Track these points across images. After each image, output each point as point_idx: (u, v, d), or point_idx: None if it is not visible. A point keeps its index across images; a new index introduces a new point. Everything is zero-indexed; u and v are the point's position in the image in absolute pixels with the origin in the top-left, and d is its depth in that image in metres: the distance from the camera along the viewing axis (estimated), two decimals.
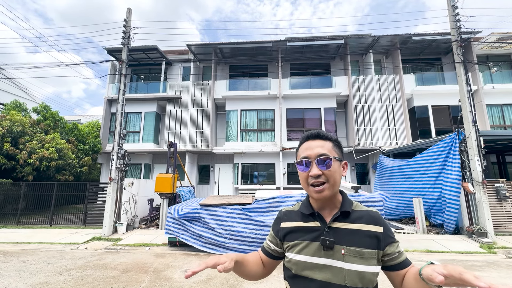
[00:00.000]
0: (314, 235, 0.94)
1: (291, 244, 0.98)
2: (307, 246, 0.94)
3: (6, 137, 10.36)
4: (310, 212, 0.99)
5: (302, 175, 0.98)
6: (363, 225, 0.94)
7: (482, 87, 12.56)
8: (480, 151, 6.90)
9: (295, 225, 1.00)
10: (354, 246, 0.90)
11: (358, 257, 0.88)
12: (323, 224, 0.96)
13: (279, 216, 1.10)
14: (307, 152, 0.97)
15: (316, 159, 0.94)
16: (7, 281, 4.27)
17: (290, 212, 1.08)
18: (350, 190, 6.31)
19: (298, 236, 0.97)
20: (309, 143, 1.00)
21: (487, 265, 4.94)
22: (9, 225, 8.99)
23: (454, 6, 7.77)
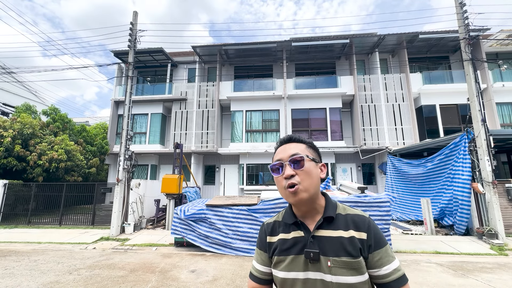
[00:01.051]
0: (298, 247, 0.87)
1: (276, 260, 0.89)
2: (293, 261, 0.86)
3: (17, 139, 10.60)
4: (293, 221, 0.91)
5: (277, 179, 0.90)
6: (350, 231, 0.86)
7: (491, 85, 12.31)
8: (490, 150, 6.77)
9: (279, 238, 0.92)
10: (341, 256, 0.81)
11: (346, 268, 0.80)
12: (307, 233, 0.88)
13: (263, 230, 0.99)
14: (280, 155, 0.92)
15: (289, 159, 0.89)
16: (19, 280, 4.37)
17: (274, 223, 0.99)
18: (356, 190, 6.26)
19: (283, 251, 0.89)
20: (282, 147, 0.95)
21: (498, 267, 4.83)
22: (20, 225, 9.20)
23: (462, 3, 7.65)
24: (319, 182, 0.91)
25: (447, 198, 7.62)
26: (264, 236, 0.98)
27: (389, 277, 0.82)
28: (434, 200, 8.10)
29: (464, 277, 4.38)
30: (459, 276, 4.43)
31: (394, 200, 9.58)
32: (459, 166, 7.28)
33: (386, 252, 0.85)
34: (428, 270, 4.71)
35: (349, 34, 13.44)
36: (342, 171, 13.61)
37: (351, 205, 5.55)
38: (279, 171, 0.90)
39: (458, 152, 7.45)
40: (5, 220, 9.59)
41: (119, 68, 15.43)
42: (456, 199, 7.18)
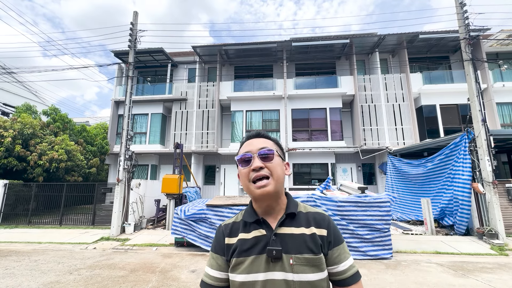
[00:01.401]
0: (260, 247, 0.83)
1: (234, 263, 0.83)
2: (253, 262, 0.81)
3: (17, 139, 10.61)
4: (255, 219, 0.88)
5: (243, 171, 0.86)
6: (311, 228, 0.87)
7: (491, 85, 12.31)
8: (490, 150, 6.77)
9: (239, 239, 0.87)
10: (303, 253, 0.81)
11: (307, 265, 0.80)
12: (269, 231, 0.86)
13: (221, 232, 0.92)
14: (248, 148, 0.89)
15: (258, 152, 0.87)
16: (19, 280, 4.38)
17: (232, 224, 0.93)
18: (356, 190, 6.26)
19: (243, 251, 0.83)
20: (250, 141, 0.92)
21: (498, 267, 4.83)
22: (20, 225, 9.21)
23: (462, 4, 7.65)
24: (284, 179, 0.91)
25: (447, 198, 7.62)
26: (221, 238, 0.90)
27: (346, 274, 0.85)
28: (434, 200, 8.10)
29: (464, 277, 4.39)
30: (460, 276, 4.43)
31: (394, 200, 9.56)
32: (459, 166, 7.28)
33: (344, 248, 0.89)
34: (428, 270, 4.72)
35: (349, 34, 13.44)
36: (342, 171, 13.61)
37: (351, 205, 5.57)
38: (247, 163, 0.86)
39: (458, 152, 7.45)
40: (5, 220, 9.59)
41: (119, 68, 15.43)
42: (457, 199, 7.18)
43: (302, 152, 12.63)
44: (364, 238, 5.39)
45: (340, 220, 5.52)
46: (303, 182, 12.99)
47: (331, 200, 5.67)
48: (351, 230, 5.44)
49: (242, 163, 0.88)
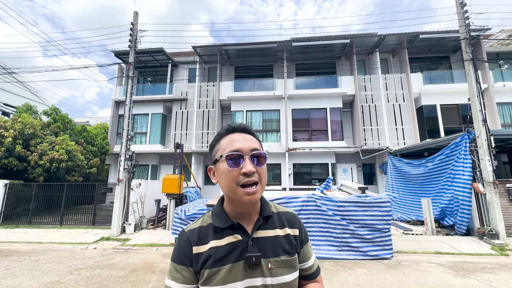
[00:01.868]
0: (237, 253, 0.77)
1: (208, 274, 0.74)
2: (230, 271, 0.74)
3: (18, 139, 10.62)
4: (229, 224, 0.80)
5: (231, 173, 0.75)
6: (283, 229, 0.85)
7: (492, 85, 12.30)
8: (491, 150, 6.76)
9: (211, 247, 0.77)
10: (279, 256, 0.80)
11: (284, 266, 0.79)
12: (245, 236, 0.79)
13: (186, 239, 0.79)
14: (238, 145, 0.78)
15: (250, 153, 0.77)
16: (20, 280, 4.38)
17: (200, 229, 0.82)
18: (357, 190, 6.26)
19: (217, 261, 0.75)
20: (238, 136, 0.81)
21: (499, 267, 4.83)
22: (21, 225, 9.21)
23: (463, 3, 7.64)
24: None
25: (447, 198, 7.61)
26: (187, 246, 0.78)
27: (313, 268, 0.90)
28: (434, 200, 8.09)
29: (465, 277, 4.38)
30: (460, 276, 4.43)
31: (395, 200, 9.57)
32: (459, 166, 7.28)
33: (310, 245, 0.92)
34: (429, 270, 4.71)
35: (349, 34, 13.44)
36: (342, 171, 13.61)
37: (352, 205, 5.56)
38: (236, 164, 0.76)
39: (458, 152, 7.44)
40: (6, 220, 9.60)
41: (120, 68, 15.45)
42: (457, 199, 7.17)
43: (302, 152, 12.62)
44: (364, 238, 5.38)
45: (340, 220, 5.51)
46: (304, 182, 12.98)
47: (332, 200, 5.66)
48: (352, 230, 5.44)
49: (230, 162, 0.76)
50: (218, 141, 0.83)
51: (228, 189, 0.77)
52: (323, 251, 5.44)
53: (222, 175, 0.78)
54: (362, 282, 4.24)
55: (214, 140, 0.85)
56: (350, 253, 5.38)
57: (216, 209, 0.85)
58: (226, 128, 0.85)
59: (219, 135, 0.85)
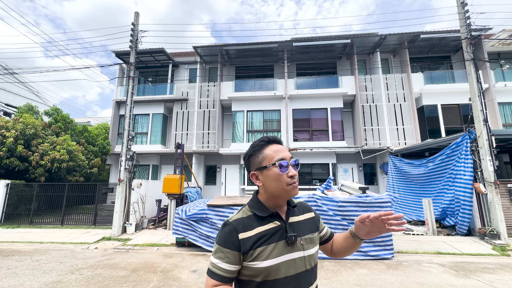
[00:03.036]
0: (278, 235, 0.98)
1: (258, 252, 0.93)
2: (275, 248, 0.95)
3: (19, 140, 10.65)
4: (269, 213, 1.01)
5: (282, 176, 0.98)
6: (305, 214, 1.13)
7: (493, 85, 12.26)
8: (492, 150, 6.74)
9: (258, 232, 0.97)
10: (307, 235, 1.05)
11: (311, 243, 1.04)
12: (282, 222, 1.02)
13: (232, 228, 0.97)
14: (282, 154, 1.01)
15: (291, 161, 1.01)
16: (21, 280, 4.40)
17: (242, 220, 1.00)
18: (357, 191, 6.25)
19: (263, 242, 0.95)
20: (277, 147, 1.04)
21: (500, 267, 4.82)
22: (22, 225, 9.25)
23: (464, 3, 7.63)
24: None
25: (448, 199, 7.60)
26: (234, 233, 0.96)
27: (328, 233, 1.23)
28: (435, 200, 8.08)
29: (466, 277, 4.37)
30: (461, 276, 4.42)
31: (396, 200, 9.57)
32: (461, 166, 7.26)
33: (321, 220, 1.23)
34: (429, 270, 4.71)
35: (350, 34, 13.43)
36: (343, 171, 13.60)
37: (352, 205, 5.56)
38: (284, 169, 0.98)
39: (459, 152, 7.43)
40: (7, 220, 9.64)
41: (121, 68, 15.47)
42: (458, 199, 7.16)
43: (303, 152, 12.62)
44: None
45: (341, 220, 5.51)
46: (304, 182, 12.98)
47: (332, 200, 5.66)
48: None
49: (281, 167, 0.98)
50: (259, 151, 1.04)
51: (279, 189, 0.99)
52: None
53: (272, 180, 0.99)
54: (362, 282, 4.24)
55: (254, 150, 1.06)
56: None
57: (255, 203, 1.06)
58: (266, 140, 1.06)
59: (259, 146, 1.05)
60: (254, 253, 0.93)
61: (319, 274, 4.53)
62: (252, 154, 1.06)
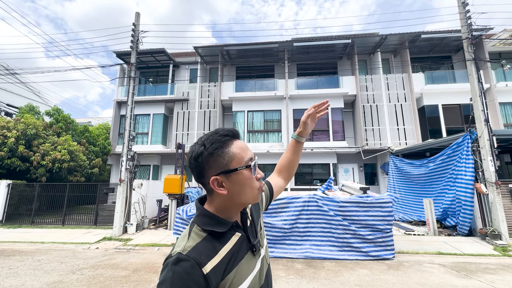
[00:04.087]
0: (243, 248, 0.80)
1: (230, 279, 0.72)
2: (245, 265, 0.77)
3: (21, 140, 10.68)
4: (230, 225, 0.79)
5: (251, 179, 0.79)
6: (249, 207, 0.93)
7: (494, 85, 12.24)
8: (493, 151, 6.73)
9: (224, 254, 0.74)
10: (259, 230, 0.91)
11: (263, 237, 0.92)
12: (242, 231, 0.83)
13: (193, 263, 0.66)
14: (250, 153, 0.81)
15: (255, 160, 0.83)
16: (23, 279, 4.41)
17: (200, 246, 0.71)
18: (358, 191, 6.25)
19: (233, 263, 0.74)
20: (242, 143, 0.82)
21: (501, 268, 4.81)
22: (24, 225, 9.27)
23: (465, 3, 7.62)
24: None
25: (449, 199, 7.58)
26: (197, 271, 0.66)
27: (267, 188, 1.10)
28: (436, 201, 8.06)
29: (467, 278, 4.37)
30: (462, 277, 4.41)
31: (396, 200, 9.56)
32: (462, 166, 7.24)
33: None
34: (431, 271, 4.70)
35: (350, 34, 13.42)
36: (344, 171, 13.59)
37: (353, 205, 5.56)
38: (254, 171, 0.80)
39: (460, 152, 7.42)
40: (9, 220, 9.66)
41: (122, 69, 15.51)
42: (459, 199, 7.14)
43: (303, 152, 12.61)
44: (366, 238, 5.37)
45: (342, 220, 5.51)
46: (305, 182, 12.97)
47: (333, 200, 5.66)
48: (353, 230, 5.43)
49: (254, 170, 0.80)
50: (223, 149, 0.77)
51: (250, 197, 0.80)
52: (324, 251, 5.43)
53: (244, 185, 0.78)
54: (363, 282, 4.24)
55: (214, 147, 0.77)
56: (351, 253, 5.37)
57: (207, 218, 0.79)
58: (231, 135, 0.80)
59: (222, 142, 0.78)
60: (226, 283, 0.70)
61: (319, 275, 4.54)
62: (213, 152, 0.76)
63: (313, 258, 5.36)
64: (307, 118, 1.07)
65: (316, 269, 4.84)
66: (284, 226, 5.67)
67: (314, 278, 4.42)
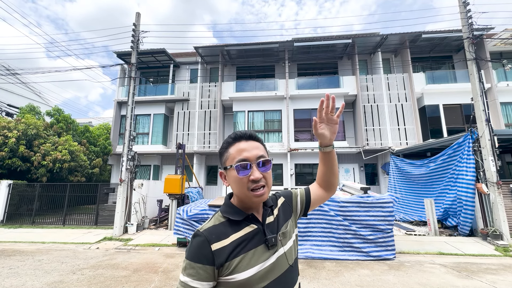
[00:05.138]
0: (256, 240, 0.86)
1: (235, 263, 0.80)
2: (254, 255, 0.83)
3: (21, 140, 10.69)
4: (244, 216, 0.89)
5: (242, 180, 0.85)
6: (278, 206, 1.01)
7: (495, 85, 12.21)
8: (494, 150, 6.71)
9: (233, 240, 0.84)
10: (283, 229, 0.94)
11: (286, 237, 0.94)
12: (259, 224, 0.90)
13: (203, 239, 0.82)
14: (245, 154, 0.87)
15: (256, 161, 0.87)
16: (23, 279, 4.41)
17: (215, 228, 0.86)
18: (359, 191, 6.23)
19: (240, 250, 0.83)
20: (245, 144, 0.90)
21: (503, 268, 4.79)
22: (24, 225, 9.28)
23: (466, 3, 7.60)
24: None
25: (450, 199, 7.56)
26: (206, 245, 0.81)
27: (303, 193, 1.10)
28: (437, 201, 8.04)
29: (468, 278, 4.35)
30: (463, 277, 4.40)
31: (397, 200, 9.54)
32: (463, 166, 7.22)
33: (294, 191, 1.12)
34: (432, 271, 4.68)
35: (351, 34, 13.41)
36: (344, 171, 13.57)
37: (354, 205, 5.54)
38: (244, 171, 0.86)
39: (461, 152, 7.40)
40: (9, 220, 9.68)
41: (122, 69, 15.52)
42: (460, 199, 7.12)
43: (304, 152, 12.61)
44: (366, 238, 5.36)
45: (342, 220, 5.50)
46: (305, 182, 12.96)
47: (334, 200, 5.65)
48: (354, 230, 5.42)
49: (239, 170, 0.86)
50: (226, 149, 0.92)
51: (240, 193, 0.88)
52: (325, 252, 5.42)
53: (233, 182, 0.88)
54: (364, 283, 4.23)
55: (222, 147, 0.94)
56: (352, 253, 5.36)
57: (227, 207, 0.92)
58: (233, 137, 0.92)
59: (227, 143, 0.93)
60: (231, 265, 0.80)
61: (320, 275, 4.53)
62: (221, 151, 0.95)
63: (314, 258, 5.35)
64: (317, 130, 1.00)
65: (316, 269, 4.83)
66: None
67: (314, 278, 4.41)
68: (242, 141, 0.91)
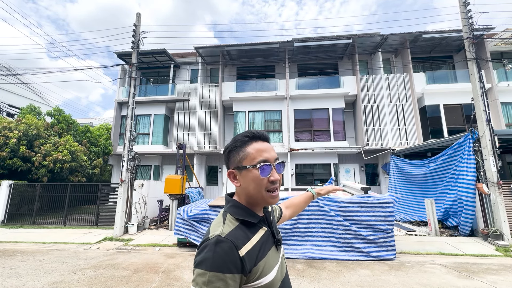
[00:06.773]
0: (270, 241, 0.87)
1: (261, 267, 0.78)
2: (270, 257, 0.83)
3: (22, 140, 10.71)
4: (259, 218, 0.89)
5: (262, 180, 0.84)
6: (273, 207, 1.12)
7: (496, 85, 12.19)
8: (495, 150, 6.70)
9: (255, 243, 0.81)
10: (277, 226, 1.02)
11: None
12: (267, 226, 0.91)
13: (231, 245, 0.74)
14: (266, 155, 0.87)
15: (275, 163, 0.88)
16: (24, 280, 4.42)
17: (236, 232, 0.80)
18: (359, 191, 6.24)
19: (262, 253, 0.81)
20: (262, 145, 0.89)
21: (503, 268, 4.79)
22: (25, 225, 9.29)
23: (466, 3, 7.60)
24: None
25: (451, 199, 7.56)
26: (234, 251, 0.73)
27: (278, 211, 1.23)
28: (438, 201, 8.04)
29: (469, 278, 4.35)
30: (464, 277, 4.39)
31: (398, 201, 9.53)
32: (463, 166, 7.22)
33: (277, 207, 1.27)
34: (432, 271, 4.68)
35: (351, 34, 13.40)
36: (345, 171, 13.56)
37: (354, 205, 5.54)
38: (265, 172, 0.85)
39: (462, 152, 7.39)
40: (10, 220, 9.69)
41: (123, 69, 15.53)
42: (461, 199, 7.11)
43: (304, 152, 12.60)
44: (367, 239, 5.36)
45: (343, 220, 5.50)
46: (306, 183, 12.95)
47: (334, 200, 5.65)
48: (354, 230, 5.42)
49: (262, 171, 0.84)
50: (241, 148, 0.89)
51: (257, 193, 0.86)
52: (325, 252, 5.42)
53: (251, 182, 0.85)
54: (364, 283, 4.23)
55: (235, 145, 0.91)
56: (352, 254, 5.36)
57: (239, 209, 0.88)
58: (251, 136, 0.90)
59: (242, 142, 0.90)
60: (258, 269, 0.77)
61: (320, 275, 4.53)
62: (232, 149, 0.91)
63: (314, 259, 5.35)
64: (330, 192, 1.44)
65: (317, 269, 4.83)
66: (285, 226, 5.67)
67: (315, 279, 4.41)
68: (259, 141, 0.90)
